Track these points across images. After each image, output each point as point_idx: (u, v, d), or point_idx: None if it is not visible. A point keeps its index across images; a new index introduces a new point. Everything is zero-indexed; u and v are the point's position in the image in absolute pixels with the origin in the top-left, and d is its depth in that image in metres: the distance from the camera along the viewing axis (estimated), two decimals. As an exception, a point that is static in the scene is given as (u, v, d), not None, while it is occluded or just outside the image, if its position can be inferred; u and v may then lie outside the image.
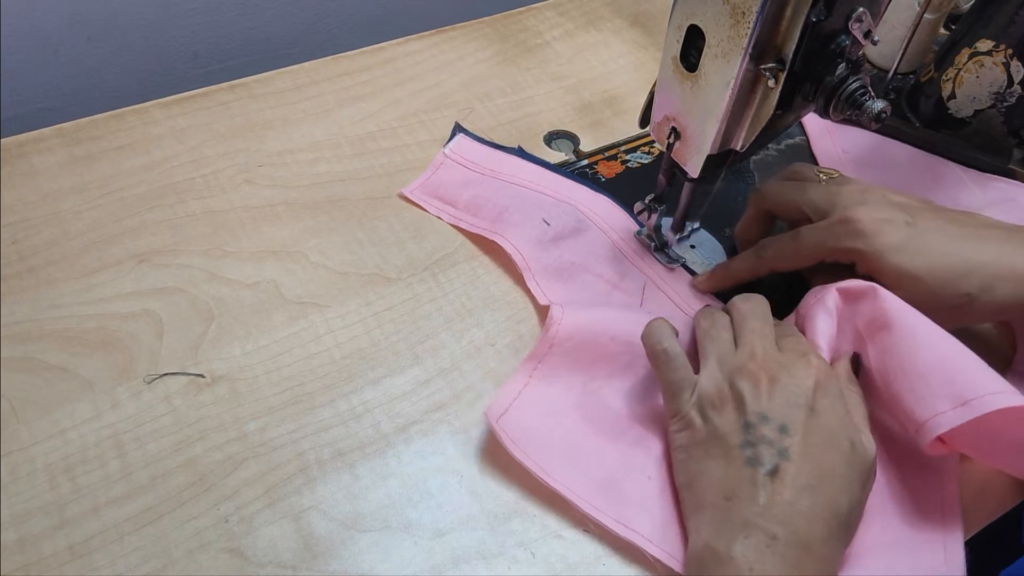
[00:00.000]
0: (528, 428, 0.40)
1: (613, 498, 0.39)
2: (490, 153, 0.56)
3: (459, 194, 0.53)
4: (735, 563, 0.32)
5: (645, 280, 0.49)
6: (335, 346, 0.45)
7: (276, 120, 0.58)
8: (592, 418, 0.42)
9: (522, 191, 0.53)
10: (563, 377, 0.43)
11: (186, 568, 0.36)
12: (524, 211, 0.51)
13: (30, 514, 0.37)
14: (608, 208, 0.53)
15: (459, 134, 0.57)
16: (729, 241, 0.51)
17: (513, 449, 0.39)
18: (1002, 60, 0.52)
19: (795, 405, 0.35)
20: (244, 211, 0.52)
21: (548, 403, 0.42)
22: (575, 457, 0.40)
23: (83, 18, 0.61)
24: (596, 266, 0.49)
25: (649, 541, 0.37)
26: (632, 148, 0.58)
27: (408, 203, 0.53)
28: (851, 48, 0.37)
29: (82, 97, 0.65)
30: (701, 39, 0.38)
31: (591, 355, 0.43)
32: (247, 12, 0.68)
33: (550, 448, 0.40)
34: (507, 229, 0.50)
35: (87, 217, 0.50)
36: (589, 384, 0.43)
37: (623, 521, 0.38)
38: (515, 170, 0.55)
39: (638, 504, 0.39)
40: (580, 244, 0.50)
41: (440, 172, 0.55)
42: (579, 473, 0.39)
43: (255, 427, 0.41)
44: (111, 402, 0.41)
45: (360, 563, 0.37)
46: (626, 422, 0.42)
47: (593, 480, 0.39)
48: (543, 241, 0.50)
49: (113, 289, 0.46)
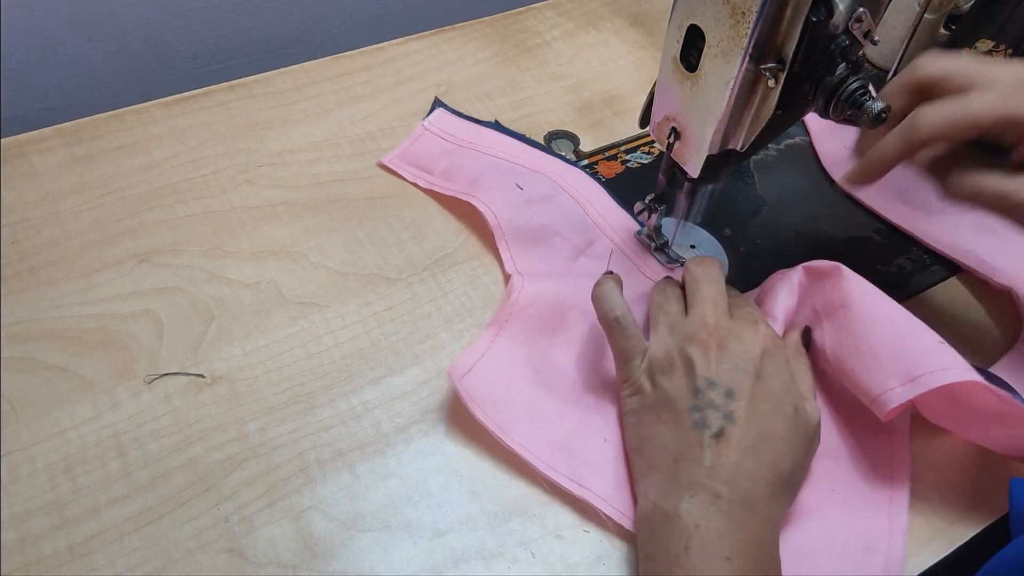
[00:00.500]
0: (490, 389, 0.42)
1: (569, 459, 0.40)
2: (468, 126, 0.58)
3: (436, 163, 0.55)
4: (681, 520, 0.33)
5: (612, 248, 0.51)
6: (335, 346, 0.45)
7: (276, 120, 0.58)
8: (552, 383, 0.43)
9: (497, 161, 0.56)
10: (524, 343, 0.44)
11: (186, 568, 0.36)
12: (498, 177, 0.53)
13: (30, 514, 0.37)
14: (597, 195, 0.54)
15: (438, 108, 0.60)
16: (729, 241, 0.51)
17: (474, 408, 0.41)
18: (1002, 60, 0.52)
19: (742, 371, 0.36)
20: (244, 211, 0.52)
21: (510, 367, 0.43)
22: (534, 419, 0.41)
23: (83, 18, 0.61)
24: (565, 231, 0.51)
25: (603, 500, 0.39)
26: (632, 148, 0.58)
27: (408, 203, 0.53)
28: (851, 48, 0.37)
29: (82, 97, 0.65)
30: (701, 39, 0.38)
31: (552, 323, 0.45)
32: (247, 12, 0.68)
33: (510, 409, 0.41)
34: (481, 192, 0.52)
35: (87, 217, 0.50)
36: (550, 350, 0.44)
37: (577, 480, 0.39)
38: (491, 142, 0.57)
39: (593, 465, 0.40)
40: (551, 209, 0.52)
41: (419, 143, 0.57)
42: (537, 434, 0.41)
43: (255, 427, 0.41)
44: (111, 402, 0.41)
45: (360, 563, 0.37)
46: (584, 387, 0.43)
47: (550, 441, 0.41)
48: (516, 203, 0.51)
49: (113, 289, 0.46)
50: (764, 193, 0.55)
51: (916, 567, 0.38)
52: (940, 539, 0.39)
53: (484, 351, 0.43)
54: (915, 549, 0.38)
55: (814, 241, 0.51)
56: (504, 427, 0.41)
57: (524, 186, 0.52)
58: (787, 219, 0.53)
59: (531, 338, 0.44)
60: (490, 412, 0.41)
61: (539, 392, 0.42)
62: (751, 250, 0.51)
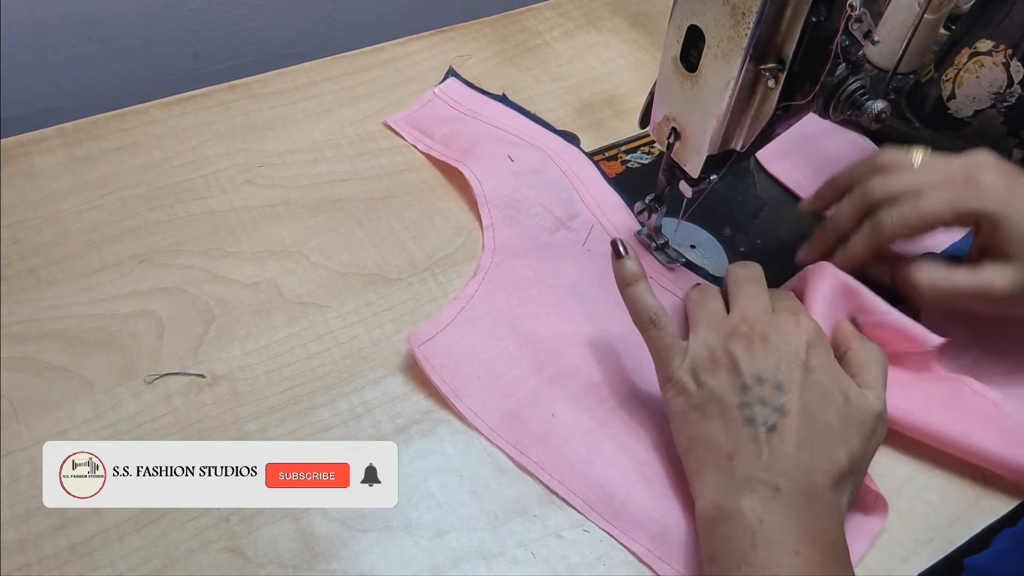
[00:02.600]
0: (447, 356, 0.43)
1: (515, 428, 0.41)
2: (476, 97, 0.60)
3: (437, 128, 0.57)
4: (744, 517, 0.33)
5: (593, 223, 0.52)
6: (335, 346, 0.45)
7: (276, 120, 0.58)
8: (510, 354, 0.44)
9: (497, 131, 0.57)
10: (489, 317, 0.46)
11: (186, 568, 0.36)
12: (493, 147, 0.55)
13: (30, 514, 0.37)
14: (591, 176, 0.55)
15: (451, 76, 0.61)
16: (729, 241, 0.51)
17: (429, 372, 0.42)
18: (1002, 60, 0.52)
19: (789, 363, 0.36)
20: (244, 211, 0.52)
21: (472, 339, 0.45)
22: (488, 388, 0.43)
23: (83, 18, 0.61)
24: (549, 202, 0.52)
25: (540, 467, 0.40)
26: (632, 148, 0.58)
27: (409, 203, 0.53)
28: (851, 48, 0.37)
29: (82, 97, 0.65)
30: (701, 39, 0.38)
31: (519, 299, 0.46)
32: (247, 12, 0.68)
33: (465, 377, 0.43)
34: (472, 160, 0.54)
35: (88, 217, 0.50)
36: (513, 324, 0.45)
37: (520, 448, 0.41)
38: (495, 113, 0.59)
39: (536, 435, 0.41)
40: (539, 181, 0.53)
41: (426, 108, 0.59)
42: (488, 402, 0.42)
43: (255, 427, 0.41)
44: (112, 402, 0.41)
45: (360, 563, 0.37)
46: (542, 362, 0.44)
47: (500, 410, 0.42)
48: (504, 174, 0.53)
49: (113, 289, 0.46)
50: (764, 193, 0.55)
51: (916, 567, 0.38)
52: (940, 539, 0.39)
53: (447, 322, 0.45)
54: (915, 549, 0.38)
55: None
56: (458, 392, 0.42)
57: (516, 158, 0.54)
58: (787, 219, 0.53)
59: (496, 312, 0.46)
60: (446, 377, 0.43)
61: (497, 362, 0.44)
62: (751, 250, 0.51)
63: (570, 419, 0.42)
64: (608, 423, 0.42)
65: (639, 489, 0.39)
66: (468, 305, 0.46)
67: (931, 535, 0.39)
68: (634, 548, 0.38)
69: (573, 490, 0.39)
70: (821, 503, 0.33)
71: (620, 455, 0.40)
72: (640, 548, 0.38)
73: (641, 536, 0.38)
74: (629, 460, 0.40)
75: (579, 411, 0.42)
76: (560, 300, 0.47)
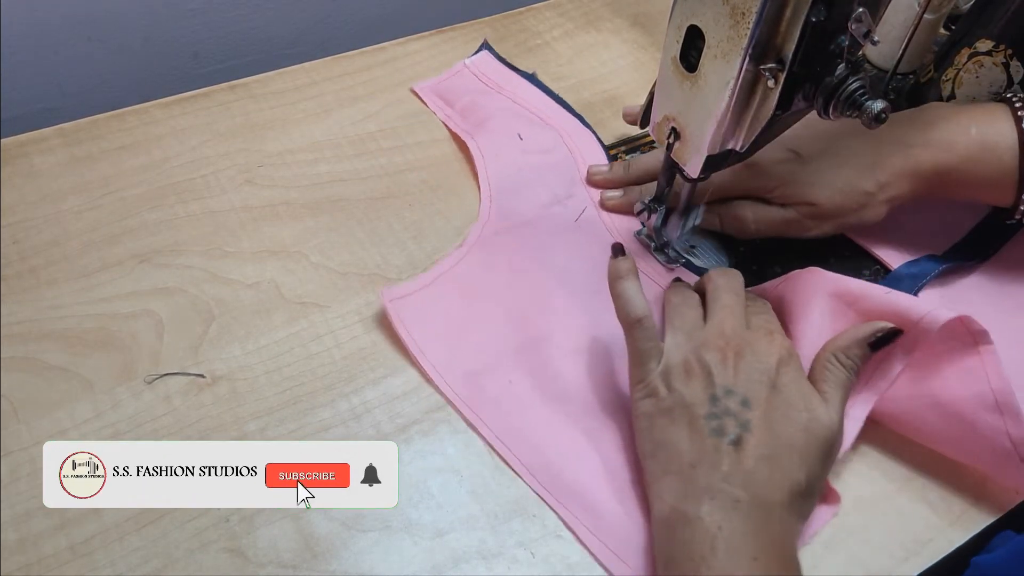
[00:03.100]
0: (418, 315, 0.45)
1: (472, 389, 0.43)
2: (503, 71, 0.62)
3: (459, 98, 0.59)
4: (703, 523, 0.33)
5: (588, 204, 0.53)
6: (335, 346, 0.45)
7: (276, 120, 0.58)
8: (482, 322, 0.45)
9: (515, 107, 0.59)
10: (468, 284, 0.47)
11: (186, 568, 0.36)
12: (507, 122, 0.56)
13: (30, 514, 0.37)
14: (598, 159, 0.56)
15: (484, 50, 0.63)
16: (729, 241, 0.51)
17: (397, 325, 0.44)
18: (1002, 60, 0.52)
19: (758, 381, 0.37)
20: (244, 211, 0.52)
21: (447, 303, 0.46)
22: (453, 348, 0.44)
23: (83, 18, 0.61)
24: (550, 178, 0.53)
25: (492, 432, 0.41)
26: (632, 148, 0.58)
27: (409, 203, 0.53)
28: (851, 48, 0.37)
29: (82, 97, 0.65)
30: (701, 39, 0.38)
31: (502, 272, 0.48)
32: (247, 12, 0.68)
33: (432, 335, 0.44)
34: (482, 134, 0.55)
35: (88, 217, 0.50)
36: (490, 295, 0.47)
37: (472, 407, 0.42)
38: (519, 90, 0.60)
39: (490, 396, 0.42)
40: (545, 160, 0.54)
41: (454, 78, 0.61)
42: (450, 361, 0.43)
43: (255, 427, 0.41)
44: (111, 402, 0.41)
45: (360, 563, 0.37)
46: (513, 334, 0.45)
47: (460, 370, 0.43)
48: (511, 151, 0.54)
49: (113, 289, 0.46)
50: (764, 193, 0.55)
51: (916, 567, 0.38)
52: (940, 539, 0.39)
53: (424, 285, 0.46)
54: (915, 549, 0.38)
55: (814, 241, 0.51)
56: (423, 348, 0.44)
57: (526, 136, 0.55)
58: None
59: (475, 282, 0.47)
60: (413, 333, 0.44)
61: (466, 325, 0.45)
62: (751, 250, 0.51)
63: (526, 389, 0.43)
64: (563, 401, 0.42)
65: (578, 464, 0.40)
66: (449, 271, 0.47)
67: (931, 535, 0.39)
68: (563, 515, 0.39)
69: (515, 452, 0.40)
70: (777, 519, 0.34)
71: (568, 430, 0.41)
72: (569, 515, 0.38)
73: (572, 505, 0.39)
74: (576, 435, 0.41)
75: (536, 384, 0.43)
76: (542, 278, 0.48)
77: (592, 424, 0.42)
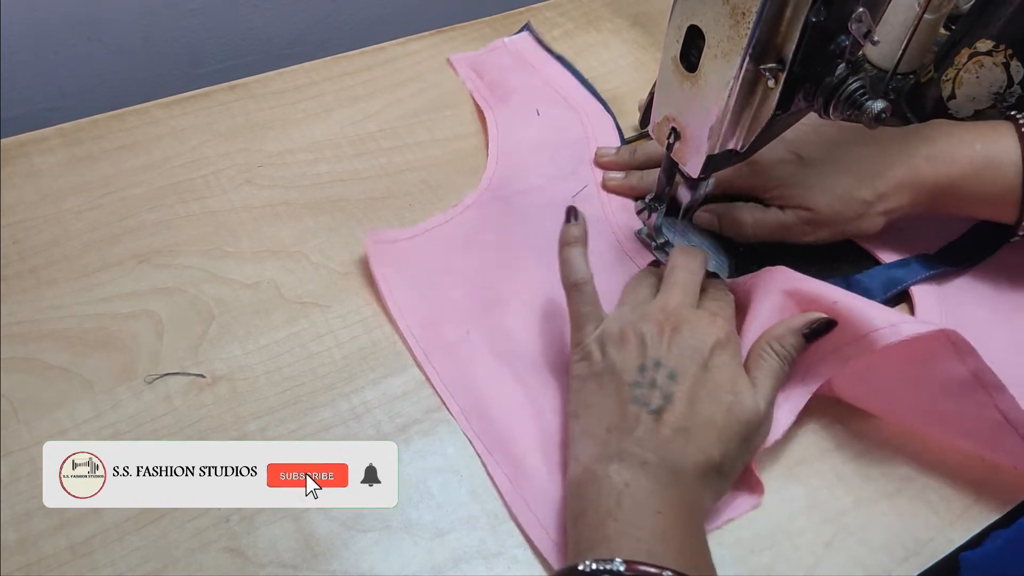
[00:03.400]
0: (396, 259, 0.47)
1: (429, 334, 0.45)
2: (540, 53, 0.64)
3: (489, 72, 0.61)
4: (611, 480, 0.34)
5: (589, 183, 0.54)
6: (335, 346, 0.45)
7: (276, 120, 0.58)
8: (456, 276, 0.47)
9: (541, 86, 0.60)
10: (453, 242, 0.49)
11: (186, 568, 0.36)
12: (528, 98, 0.58)
13: (30, 514, 0.37)
14: None
15: (526, 30, 0.66)
16: (729, 241, 0.51)
17: (374, 265, 0.46)
18: (1002, 60, 0.52)
19: (690, 357, 0.37)
20: (244, 211, 0.52)
21: (427, 256, 0.48)
22: (421, 296, 0.46)
23: (83, 18, 0.61)
24: (558, 155, 0.55)
25: (439, 376, 0.43)
26: (632, 148, 0.58)
27: (408, 203, 0.53)
28: (851, 48, 0.37)
29: (82, 97, 0.65)
30: (701, 39, 0.38)
31: (490, 235, 0.49)
32: (247, 12, 0.68)
33: (405, 280, 0.46)
34: (502, 107, 0.57)
35: (88, 217, 0.50)
36: (472, 254, 0.48)
37: (427, 353, 0.44)
38: (550, 71, 0.62)
39: (446, 347, 0.44)
40: (558, 138, 0.56)
41: (490, 54, 0.64)
42: (416, 306, 0.45)
43: (255, 427, 0.41)
44: (111, 402, 0.41)
45: (360, 563, 0.37)
46: (481, 293, 0.47)
47: (423, 316, 0.45)
48: (525, 124, 0.56)
49: (113, 289, 0.46)
50: (764, 193, 0.55)
51: (916, 567, 0.38)
52: (940, 539, 0.39)
53: (411, 236, 0.49)
54: (915, 549, 0.38)
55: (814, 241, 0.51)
56: (392, 289, 0.46)
57: (543, 113, 0.57)
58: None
59: (461, 241, 0.49)
60: (387, 275, 0.46)
61: (440, 277, 0.47)
62: (750, 251, 0.51)
63: (480, 341, 0.44)
64: (512, 357, 0.44)
65: (513, 417, 0.41)
66: (437, 228, 0.49)
67: (931, 535, 0.39)
68: (487, 460, 0.40)
69: (455, 397, 0.42)
70: (685, 484, 0.35)
71: (511, 384, 0.42)
72: (491, 462, 0.40)
73: (498, 453, 0.40)
74: (517, 391, 0.42)
75: (491, 338, 0.44)
76: (523, 244, 0.49)
77: (535, 382, 0.43)
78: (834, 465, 0.41)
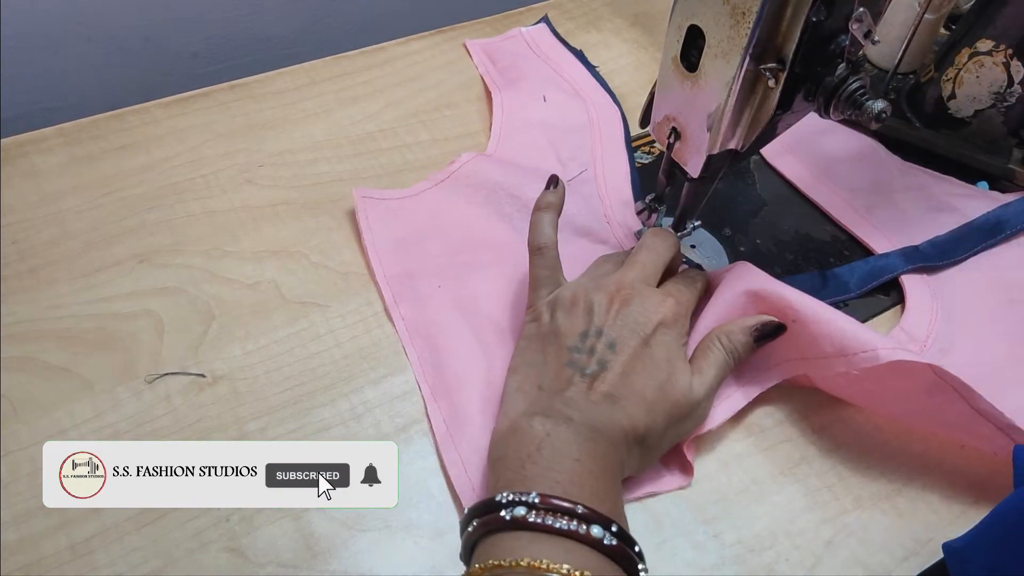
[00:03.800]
0: (381, 215, 0.49)
1: (402, 283, 0.47)
2: (555, 44, 0.65)
3: (502, 59, 0.62)
4: (533, 429, 0.35)
5: (586, 169, 0.54)
6: (335, 346, 0.45)
7: (276, 120, 0.58)
8: (437, 234, 0.49)
9: (552, 74, 0.62)
10: (441, 205, 0.51)
11: (186, 568, 0.36)
12: (537, 84, 0.59)
13: (30, 514, 0.37)
14: (613, 140, 0.57)
15: (543, 22, 0.67)
16: (729, 241, 0.51)
17: (360, 217, 0.49)
18: (1002, 60, 0.52)
19: (632, 331, 0.38)
20: (244, 211, 0.52)
21: (413, 215, 0.50)
22: (402, 251, 0.48)
23: (83, 18, 0.61)
24: (560, 139, 0.56)
25: (404, 323, 0.45)
26: (632, 148, 0.58)
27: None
28: (851, 48, 0.37)
29: (82, 97, 0.65)
30: (701, 39, 0.38)
31: (479, 201, 0.51)
32: (247, 12, 0.68)
33: (389, 236, 0.48)
34: (509, 91, 0.59)
35: (87, 217, 0.50)
36: (457, 217, 0.50)
37: (397, 301, 0.46)
38: (563, 61, 0.63)
39: (415, 298, 0.46)
40: (562, 121, 0.57)
41: (506, 42, 0.65)
42: (395, 258, 0.48)
43: (255, 427, 0.41)
44: (111, 402, 0.41)
45: (360, 563, 0.37)
46: (459, 255, 0.48)
47: (400, 266, 0.47)
48: (531, 107, 0.57)
49: (113, 289, 0.46)
50: (764, 193, 0.55)
51: (916, 567, 0.38)
52: (940, 539, 0.39)
53: (400, 196, 0.50)
54: (914, 549, 0.38)
55: (814, 241, 0.51)
56: (375, 240, 0.48)
57: (550, 99, 0.58)
58: (787, 219, 0.53)
59: (445, 203, 0.51)
60: (372, 226, 0.49)
61: (422, 233, 0.49)
62: (751, 250, 0.51)
63: (448, 296, 0.46)
64: (474, 313, 0.45)
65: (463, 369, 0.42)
66: (425, 192, 0.50)
67: (931, 535, 0.39)
68: (429, 407, 0.41)
69: (414, 344, 0.44)
70: (606, 443, 0.35)
71: (467, 338, 0.44)
72: (433, 408, 0.41)
73: (442, 401, 0.42)
74: (473, 345, 0.44)
75: (458, 295, 0.46)
76: (508, 212, 0.50)
77: (492, 340, 0.44)
78: (834, 465, 0.41)
